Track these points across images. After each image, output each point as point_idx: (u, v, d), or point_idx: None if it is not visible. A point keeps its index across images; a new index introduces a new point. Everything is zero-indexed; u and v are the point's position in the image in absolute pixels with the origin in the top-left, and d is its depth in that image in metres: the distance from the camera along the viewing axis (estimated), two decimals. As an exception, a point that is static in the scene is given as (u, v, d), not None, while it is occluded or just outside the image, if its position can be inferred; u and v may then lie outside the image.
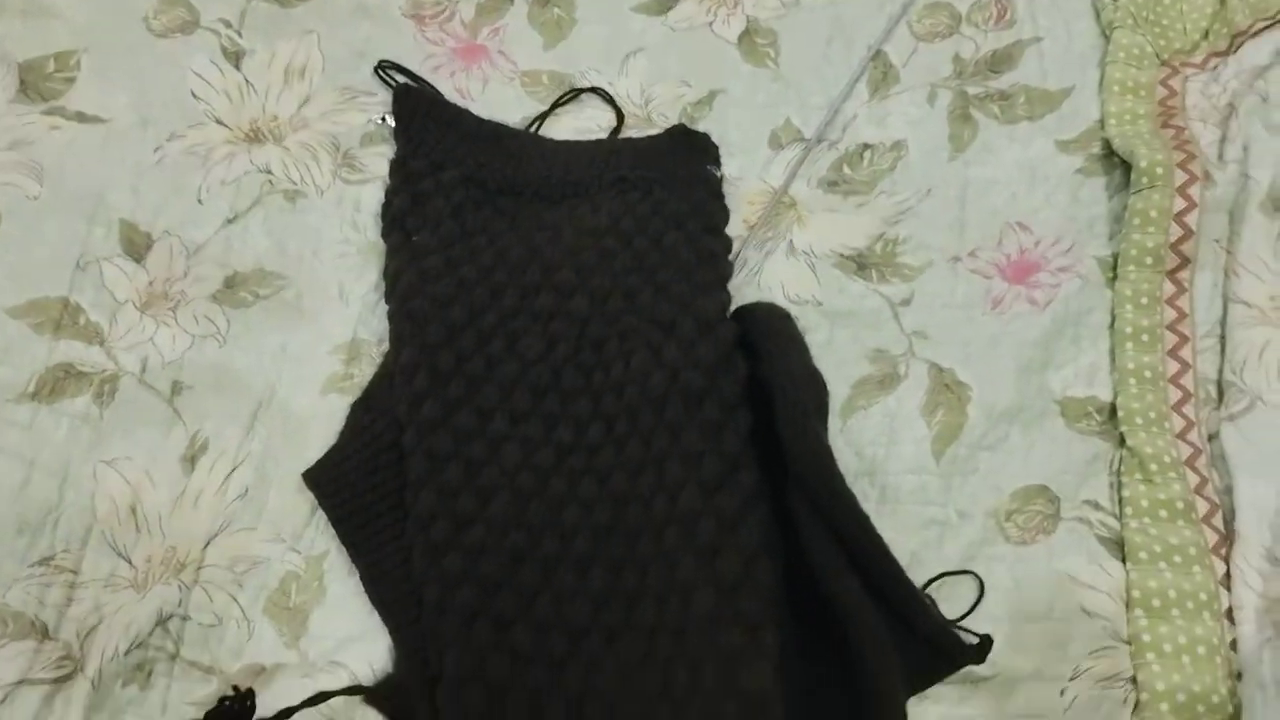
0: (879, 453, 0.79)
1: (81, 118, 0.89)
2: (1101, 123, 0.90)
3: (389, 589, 0.71)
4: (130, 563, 0.73)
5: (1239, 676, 0.71)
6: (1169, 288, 0.83)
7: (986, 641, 0.70)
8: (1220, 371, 0.80)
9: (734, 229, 0.85)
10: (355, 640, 0.72)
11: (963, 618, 0.73)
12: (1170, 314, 0.82)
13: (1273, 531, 0.74)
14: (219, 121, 0.90)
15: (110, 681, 0.69)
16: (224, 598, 0.73)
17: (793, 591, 0.68)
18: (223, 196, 0.87)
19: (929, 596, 0.72)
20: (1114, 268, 0.84)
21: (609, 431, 0.73)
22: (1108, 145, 0.89)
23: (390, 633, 0.70)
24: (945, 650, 0.69)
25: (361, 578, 0.72)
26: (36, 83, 0.91)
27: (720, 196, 0.85)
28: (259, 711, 0.68)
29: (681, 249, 0.80)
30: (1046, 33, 0.94)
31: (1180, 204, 0.83)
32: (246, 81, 0.92)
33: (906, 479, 0.78)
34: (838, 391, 0.79)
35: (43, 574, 0.72)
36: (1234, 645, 0.72)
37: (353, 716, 0.69)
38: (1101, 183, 0.88)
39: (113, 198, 0.86)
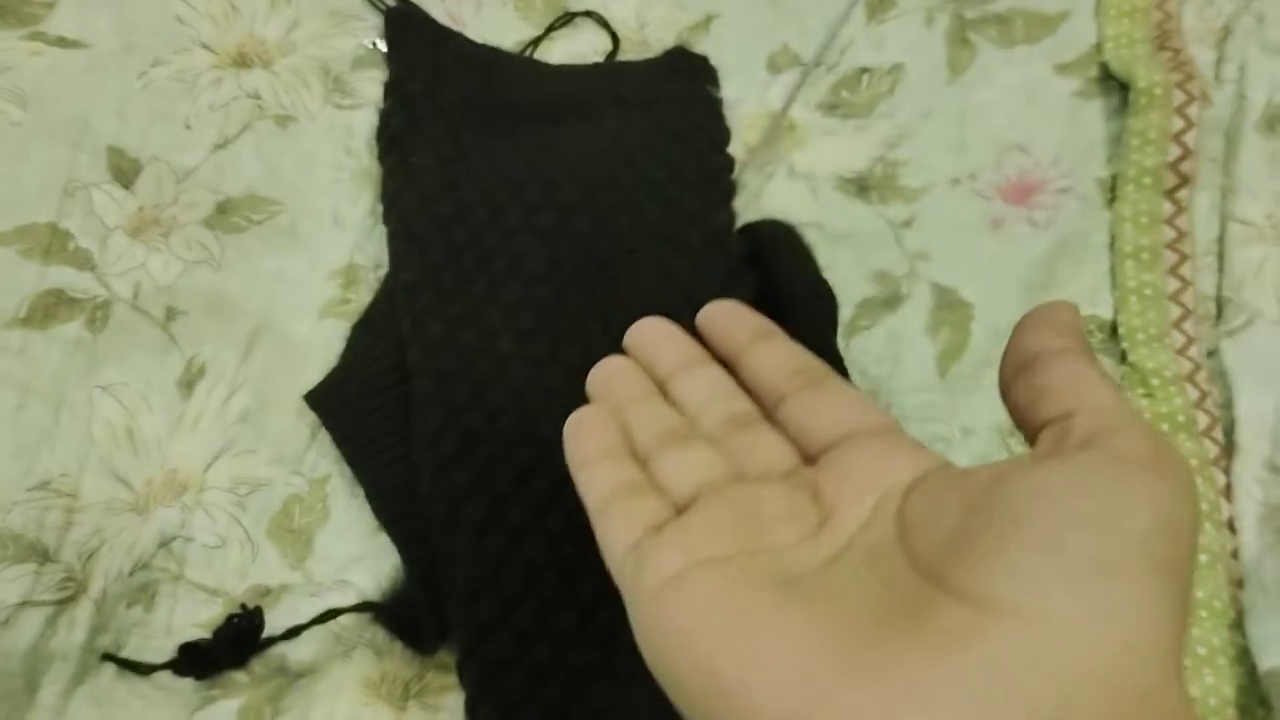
0: (884, 371, 0.79)
1: (63, 43, 0.87)
2: (1098, 46, 0.90)
3: (396, 506, 0.70)
4: (130, 486, 0.72)
5: (1240, 583, 0.72)
6: (1168, 207, 0.83)
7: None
8: (1219, 288, 0.81)
9: (733, 153, 0.84)
10: (361, 560, 0.71)
11: (969, 531, 0.74)
12: (1169, 233, 0.82)
13: (1272, 441, 0.75)
14: (205, 46, 0.88)
15: (114, 602, 0.68)
16: (227, 519, 0.72)
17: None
18: (211, 122, 0.85)
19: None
20: (1113, 189, 0.85)
21: (617, 348, 0.72)
22: (1105, 69, 0.89)
23: (398, 550, 0.70)
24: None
25: (367, 496, 0.71)
26: (15, 7, 0.88)
27: (721, 116, 0.84)
28: (267, 630, 0.67)
29: (685, 165, 0.79)
30: (1043, -44, 0.94)
31: (1178, 124, 0.83)
32: (232, 5, 0.90)
33: (911, 397, 0.78)
34: (841, 313, 0.79)
35: (41, 498, 0.70)
36: (1235, 554, 0.73)
37: (362, 634, 0.68)
38: (1099, 105, 0.88)
39: (98, 123, 0.84)
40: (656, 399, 0.48)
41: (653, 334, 0.52)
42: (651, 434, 0.45)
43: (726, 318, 0.50)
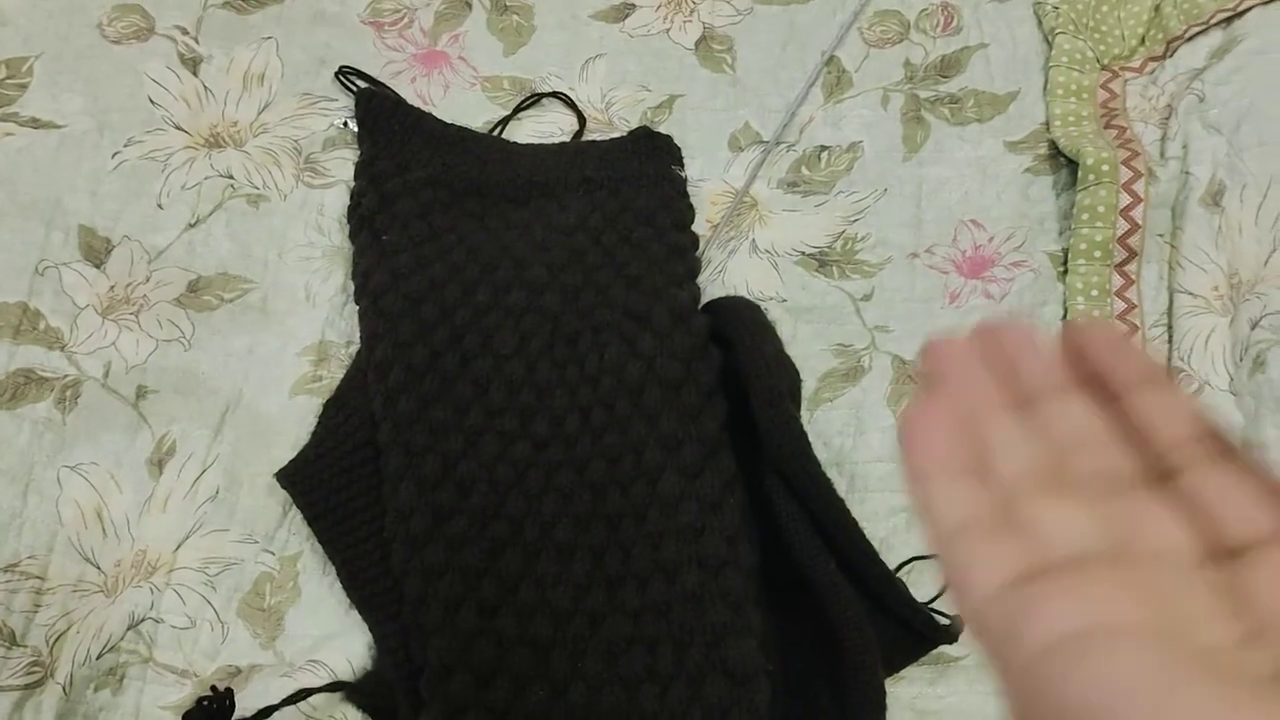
0: (846, 443, 0.81)
1: (36, 124, 0.88)
2: (1047, 124, 0.93)
3: (368, 584, 0.70)
4: (99, 568, 0.72)
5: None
6: (1117, 280, 0.86)
7: (959, 622, 0.71)
8: (1169, 359, 0.84)
9: (698, 229, 0.86)
10: (333, 639, 0.71)
11: (933, 600, 0.75)
12: (1120, 305, 0.85)
13: (1224, 509, 0.77)
14: (178, 127, 0.89)
15: (82, 686, 0.68)
16: (197, 600, 0.72)
17: (770, 575, 0.70)
18: (183, 201, 0.86)
19: (901, 580, 0.73)
20: (1064, 262, 0.87)
21: (585, 423, 0.73)
22: (1054, 146, 0.92)
23: (370, 628, 0.70)
24: (919, 631, 0.71)
25: (339, 575, 0.72)
26: (-12, 89, 0.89)
27: (685, 195, 0.86)
28: (237, 711, 0.67)
29: (651, 244, 0.81)
30: (992, 39, 0.98)
31: (1126, 199, 0.86)
32: (205, 88, 0.92)
33: (874, 467, 0.80)
34: (804, 385, 0.81)
35: (7, 580, 0.70)
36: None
37: (334, 714, 0.68)
38: (1049, 181, 0.91)
39: (70, 203, 0.85)
40: (1013, 419, 0.40)
41: (1013, 337, 0.43)
42: (1014, 465, 0.38)
43: (1111, 345, 0.40)
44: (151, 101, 0.90)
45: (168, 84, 0.91)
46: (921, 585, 0.75)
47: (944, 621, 0.71)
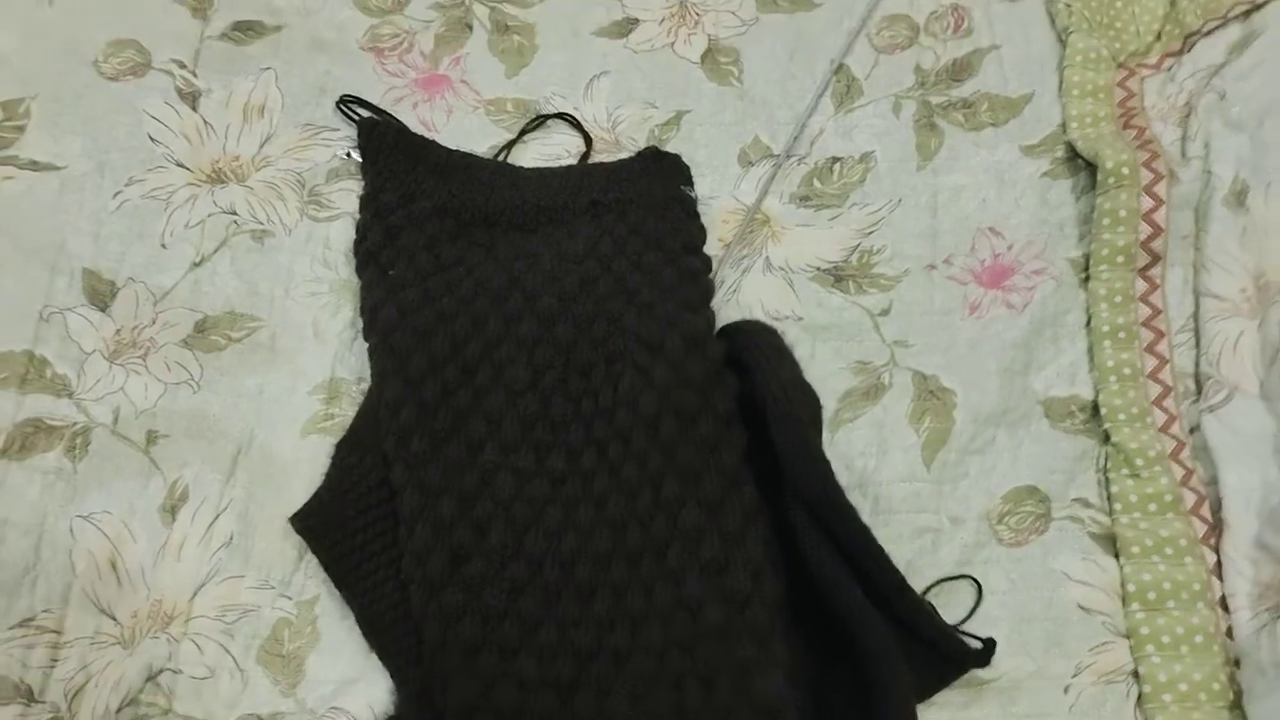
0: (869, 464, 0.79)
1: (35, 166, 0.87)
2: (1064, 126, 0.91)
3: (387, 629, 0.69)
4: (115, 619, 0.71)
5: (1237, 663, 0.71)
6: (1141, 285, 0.84)
7: (990, 644, 0.70)
8: (1197, 364, 0.82)
9: (710, 248, 0.85)
10: (354, 684, 0.70)
11: (963, 622, 0.73)
12: (1144, 311, 0.83)
13: (1259, 518, 0.75)
14: (179, 164, 0.88)
15: (102, 742, 0.67)
16: (215, 648, 0.71)
17: (796, 604, 0.68)
18: (187, 240, 0.85)
19: (929, 603, 0.72)
20: (1086, 268, 0.86)
21: (602, 457, 0.72)
22: (1071, 148, 0.90)
23: (390, 674, 0.69)
24: (950, 655, 0.69)
25: (357, 619, 0.70)
26: (-14, 132, 0.88)
27: (696, 216, 0.85)
28: (260, 764, 0.66)
29: (662, 269, 0.80)
30: (1004, 40, 0.96)
31: (1148, 202, 0.84)
32: (205, 122, 0.90)
33: (898, 488, 0.78)
34: (824, 405, 0.79)
35: (24, 636, 0.69)
36: (1230, 633, 0.73)
37: (357, 763, 0.67)
38: (1068, 185, 0.89)
39: (73, 246, 0.84)
40: None
41: None
42: None
43: None
44: (151, 139, 0.89)
45: (167, 120, 0.90)
46: (951, 607, 0.74)
47: (975, 645, 0.70)
